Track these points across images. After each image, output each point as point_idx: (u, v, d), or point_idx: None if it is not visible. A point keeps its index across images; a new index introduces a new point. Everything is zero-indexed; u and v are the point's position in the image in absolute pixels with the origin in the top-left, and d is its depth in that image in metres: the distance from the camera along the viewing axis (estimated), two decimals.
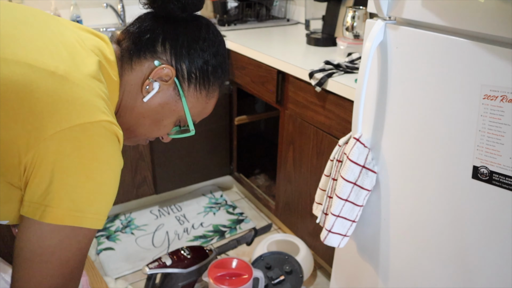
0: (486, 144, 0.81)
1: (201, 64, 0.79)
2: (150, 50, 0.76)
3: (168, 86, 0.78)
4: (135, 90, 0.77)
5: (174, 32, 0.77)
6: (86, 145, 0.61)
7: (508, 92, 0.76)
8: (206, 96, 0.82)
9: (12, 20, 0.68)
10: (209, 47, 0.79)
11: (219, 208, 2.32)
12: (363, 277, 1.22)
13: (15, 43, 0.64)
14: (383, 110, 1.02)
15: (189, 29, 0.78)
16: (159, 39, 0.76)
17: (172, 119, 0.82)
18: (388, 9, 0.95)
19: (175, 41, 0.77)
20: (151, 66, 0.76)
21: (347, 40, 1.71)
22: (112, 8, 2.28)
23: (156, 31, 0.77)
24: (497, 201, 0.82)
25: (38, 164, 0.60)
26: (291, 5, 2.58)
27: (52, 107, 0.60)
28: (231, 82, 2.16)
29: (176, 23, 0.78)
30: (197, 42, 0.78)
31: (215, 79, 0.82)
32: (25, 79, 0.60)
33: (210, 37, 0.80)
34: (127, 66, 0.77)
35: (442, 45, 0.85)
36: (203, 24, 0.80)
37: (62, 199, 0.61)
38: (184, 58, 0.77)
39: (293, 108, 1.72)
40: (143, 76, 0.77)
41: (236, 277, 1.11)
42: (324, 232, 1.11)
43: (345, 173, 1.04)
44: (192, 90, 0.80)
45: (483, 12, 0.77)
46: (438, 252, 0.97)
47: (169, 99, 0.79)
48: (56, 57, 0.65)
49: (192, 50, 0.77)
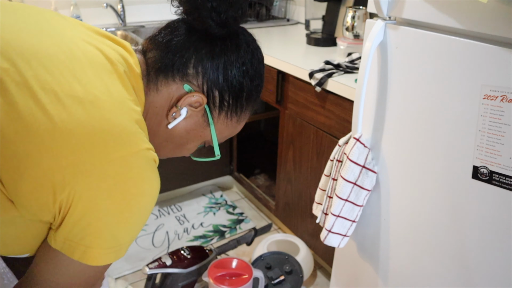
0: (486, 144, 0.81)
1: (237, 90, 0.70)
2: (181, 72, 0.67)
3: (197, 112, 0.70)
4: (160, 113, 0.69)
5: (210, 53, 0.67)
6: (128, 180, 0.57)
7: (508, 92, 0.76)
8: (237, 121, 0.75)
9: (34, 36, 0.61)
10: (247, 71, 0.70)
11: (219, 208, 2.32)
12: (363, 277, 1.22)
13: (38, 66, 0.57)
14: (383, 110, 1.02)
15: (226, 49, 0.68)
16: (192, 60, 0.67)
17: (197, 143, 0.76)
18: (388, 9, 0.95)
19: (210, 64, 0.67)
20: (179, 90, 0.68)
21: (347, 40, 1.71)
22: (112, 8, 2.28)
23: (190, 50, 0.67)
24: (497, 201, 0.82)
25: (76, 202, 0.55)
26: (291, 5, 2.58)
27: (87, 139, 0.54)
28: None
29: (213, 41, 0.68)
30: (234, 66, 0.69)
31: (248, 103, 0.74)
32: (54, 110, 0.54)
33: (248, 57, 0.71)
34: (153, 86, 0.68)
35: (442, 45, 0.85)
36: (243, 43, 0.71)
37: (105, 239, 0.58)
38: (218, 84, 0.68)
39: (293, 108, 1.72)
40: (170, 99, 0.68)
41: (236, 277, 1.11)
42: (324, 232, 1.11)
43: (345, 173, 1.04)
44: (222, 117, 0.72)
45: (483, 12, 0.77)
46: (438, 252, 0.97)
47: (196, 126, 0.72)
48: (81, 79, 0.58)
49: (228, 76, 0.68)
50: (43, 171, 0.53)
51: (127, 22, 2.40)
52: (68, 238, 0.58)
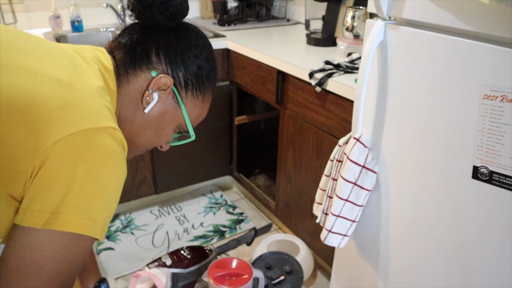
0: (486, 144, 0.81)
1: (196, 70, 0.80)
2: (145, 61, 0.77)
3: (167, 95, 0.78)
4: (134, 102, 0.77)
5: (166, 41, 0.78)
6: (94, 151, 0.61)
7: (508, 92, 0.76)
8: (203, 100, 0.84)
9: (12, 35, 0.69)
10: (201, 52, 0.81)
11: (219, 208, 2.32)
12: (363, 277, 1.22)
13: (19, 52, 0.64)
14: (383, 110, 1.02)
15: (179, 37, 0.79)
16: (153, 50, 0.77)
17: (173, 127, 0.83)
18: (388, 9, 0.95)
19: (169, 50, 0.77)
20: (148, 77, 0.77)
21: (347, 40, 1.71)
22: (112, 8, 2.28)
23: (148, 42, 0.77)
24: (497, 201, 0.82)
25: (47, 170, 0.58)
26: (291, 5, 2.58)
27: (59, 111, 0.59)
28: (231, 82, 2.16)
29: (166, 32, 0.79)
30: (189, 49, 0.79)
31: (209, 83, 0.84)
32: (32, 85, 0.60)
33: (200, 42, 0.82)
34: (123, 79, 0.77)
35: (442, 45, 0.85)
36: (192, 31, 0.82)
37: (76, 206, 0.59)
38: (180, 66, 0.78)
39: (293, 108, 1.72)
40: (140, 87, 0.77)
41: (236, 277, 1.11)
42: (324, 232, 1.11)
43: (345, 173, 1.04)
44: (189, 96, 0.81)
45: (483, 12, 0.77)
46: (438, 252, 0.97)
47: (169, 108, 0.80)
48: (60, 67, 0.66)
49: (186, 57, 0.79)
50: (16, 139, 0.57)
51: (127, 22, 2.41)
52: (35, 209, 0.59)
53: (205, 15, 2.62)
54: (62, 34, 2.17)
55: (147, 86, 0.76)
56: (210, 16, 2.61)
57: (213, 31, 2.25)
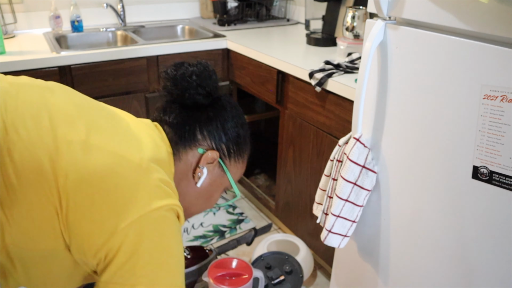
0: (486, 144, 0.81)
1: (236, 138, 0.88)
2: (193, 140, 0.83)
3: (214, 166, 0.86)
4: (186, 178, 0.84)
5: (207, 118, 0.85)
6: (162, 227, 0.68)
7: (508, 92, 0.76)
8: (243, 162, 0.92)
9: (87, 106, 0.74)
10: (237, 121, 0.88)
11: (219, 208, 2.32)
12: (363, 277, 1.22)
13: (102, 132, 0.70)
14: (383, 110, 1.02)
15: (217, 111, 0.86)
16: (197, 128, 0.84)
17: (220, 192, 0.91)
18: (388, 9, 0.95)
19: (211, 126, 0.84)
20: (195, 154, 0.83)
21: (347, 40, 1.71)
22: (112, 8, 2.28)
23: (192, 121, 0.84)
24: (497, 201, 0.82)
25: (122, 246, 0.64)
26: (291, 5, 2.58)
27: (132, 194, 0.66)
28: (231, 82, 2.16)
29: (205, 109, 0.85)
30: (228, 121, 0.86)
31: (246, 145, 0.92)
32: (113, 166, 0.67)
33: (235, 112, 0.89)
34: (176, 158, 0.83)
35: (442, 45, 0.85)
36: (227, 103, 0.89)
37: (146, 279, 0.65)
38: (222, 139, 0.86)
39: (293, 108, 1.72)
40: (190, 164, 0.83)
41: (236, 277, 1.11)
42: (324, 232, 1.11)
43: (345, 173, 1.04)
44: (232, 162, 0.89)
45: (483, 12, 0.77)
46: (438, 252, 0.97)
47: (216, 177, 0.87)
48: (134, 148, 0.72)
49: (226, 129, 0.86)
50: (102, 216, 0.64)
51: (127, 22, 2.40)
52: (112, 281, 0.65)
53: (205, 15, 2.62)
54: (62, 34, 2.17)
55: (197, 162, 0.84)
56: (210, 16, 2.61)
57: (213, 31, 2.25)
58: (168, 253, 0.68)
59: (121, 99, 1.93)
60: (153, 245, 0.66)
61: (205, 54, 2.04)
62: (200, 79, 0.84)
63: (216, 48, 2.06)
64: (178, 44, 1.96)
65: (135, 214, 0.65)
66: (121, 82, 1.90)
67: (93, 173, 0.64)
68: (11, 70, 1.66)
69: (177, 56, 1.97)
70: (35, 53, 1.77)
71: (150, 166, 0.71)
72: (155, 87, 1.99)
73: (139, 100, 1.97)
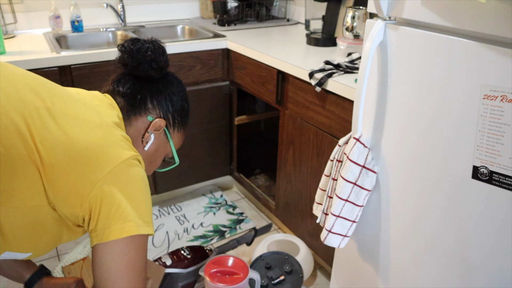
0: (486, 144, 0.81)
1: (180, 110, 1.00)
2: (143, 108, 0.94)
3: (159, 133, 0.98)
4: (135, 142, 0.94)
5: (157, 90, 0.96)
6: (133, 175, 0.80)
7: (508, 92, 0.76)
8: (183, 132, 1.05)
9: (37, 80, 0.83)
10: (182, 96, 1.01)
11: (219, 208, 2.32)
12: (363, 277, 1.22)
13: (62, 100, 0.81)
14: (383, 110, 1.02)
15: (166, 85, 0.98)
16: (148, 98, 0.95)
17: (162, 157, 1.03)
18: (388, 9, 0.95)
19: (160, 97, 0.96)
20: (145, 121, 0.95)
21: (347, 40, 1.71)
22: (112, 8, 2.28)
23: (143, 91, 0.95)
24: (497, 201, 0.82)
25: (104, 197, 0.76)
26: (291, 5, 2.58)
27: (102, 149, 0.77)
28: (231, 82, 2.16)
29: (155, 81, 0.97)
30: (174, 95, 0.99)
31: (188, 118, 1.05)
32: (92, 133, 0.78)
33: (181, 87, 1.01)
34: (126, 122, 0.93)
35: (442, 45, 0.85)
36: (173, 79, 1.01)
37: (135, 216, 0.78)
38: (169, 109, 0.98)
39: (293, 108, 1.72)
40: (140, 129, 0.95)
41: (230, 275, 1.12)
42: (324, 232, 1.11)
43: (345, 173, 1.04)
44: (176, 131, 1.02)
45: (483, 12, 0.77)
46: (438, 252, 0.97)
47: (161, 144, 0.99)
48: (92, 112, 0.83)
49: (173, 101, 0.98)
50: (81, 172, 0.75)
51: (127, 22, 2.40)
52: (102, 227, 0.77)
53: (205, 15, 2.62)
54: (62, 34, 2.17)
55: (146, 128, 0.95)
56: (210, 16, 2.61)
57: (213, 31, 2.25)
58: (142, 192, 0.81)
59: None
60: (130, 187, 0.78)
61: (205, 54, 2.04)
62: (154, 54, 0.94)
63: (216, 48, 2.06)
64: (178, 44, 1.97)
65: (110, 166, 0.76)
66: None
67: (65, 136, 0.75)
68: None
69: (177, 56, 1.97)
70: (35, 53, 1.77)
71: (110, 125, 0.83)
72: None
73: None
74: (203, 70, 2.07)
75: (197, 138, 2.19)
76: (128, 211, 0.77)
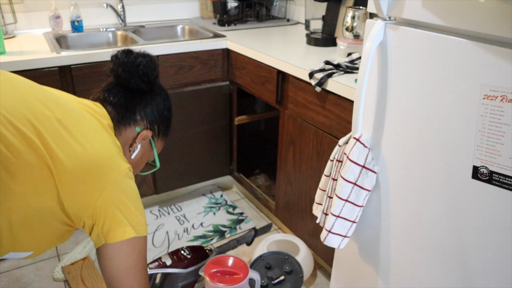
0: (486, 144, 0.81)
1: (165, 120, 1.07)
2: (133, 119, 1.00)
3: (145, 142, 1.04)
4: (123, 150, 0.98)
5: (146, 102, 1.02)
6: (131, 184, 0.89)
7: (508, 92, 0.76)
8: (165, 139, 1.12)
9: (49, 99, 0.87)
10: (166, 106, 1.07)
11: (219, 208, 2.32)
12: (363, 277, 1.22)
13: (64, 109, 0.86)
14: (383, 110, 1.02)
15: (153, 97, 1.03)
16: (137, 110, 1.00)
17: (145, 163, 1.11)
18: (388, 9, 0.95)
19: (148, 109, 1.02)
20: (133, 131, 1.00)
21: (347, 40, 1.71)
22: (112, 8, 2.28)
23: (133, 103, 1.00)
24: (497, 201, 0.82)
25: (104, 207, 0.83)
26: (291, 5, 2.58)
27: (106, 162, 0.85)
28: (231, 82, 2.16)
29: (144, 93, 1.02)
30: (160, 105, 1.04)
31: (170, 126, 1.11)
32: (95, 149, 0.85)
33: (166, 99, 1.07)
34: (116, 132, 0.98)
35: (442, 45, 0.85)
36: (159, 90, 1.06)
37: (134, 219, 0.87)
38: (155, 120, 1.04)
39: (293, 108, 1.72)
40: (127, 139, 1.00)
41: (231, 275, 1.12)
42: (324, 233, 1.11)
43: (345, 173, 1.04)
44: (159, 139, 1.09)
45: (483, 12, 0.77)
46: (438, 252, 0.97)
47: (146, 151, 1.06)
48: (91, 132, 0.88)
49: (160, 113, 1.04)
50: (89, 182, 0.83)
51: (127, 22, 2.40)
52: (107, 230, 0.84)
53: (205, 15, 2.62)
54: (62, 34, 2.17)
55: (134, 138, 1.01)
56: (210, 16, 2.61)
57: (213, 31, 2.25)
58: (139, 199, 0.91)
59: None
60: (131, 195, 0.87)
61: (205, 54, 2.04)
62: (146, 69, 0.99)
63: (216, 48, 2.06)
64: (178, 44, 1.96)
65: (114, 176, 0.84)
66: None
67: (79, 146, 0.82)
68: (11, 70, 1.66)
69: (177, 56, 1.97)
70: (35, 53, 1.77)
71: (109, 137, 0.90)
72: None
73: None
74: (203, 70, 2.07)
75: (197, 138, 2.19)
76: (130, 216, 0.86)
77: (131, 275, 0.87)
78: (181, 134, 2.13)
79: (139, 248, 0.88)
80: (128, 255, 0.86)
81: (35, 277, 1.79)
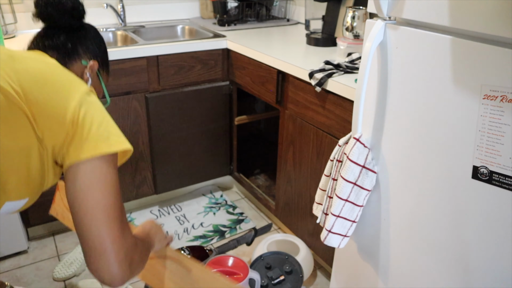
0: (486, 144, 0.81)
1: (104, 53, 1.10)
2: (76, 55, 1.02)
3: (94, 75, 1.06)
4: None
5: (82, 36, 1.04)
6: (97, 100, 0.89)
7: (508, 92, 0.76)
8: (108, 72, 1.14)
9: None
10: (101, 38, 1.09)
11: (219, 208, 2.32)
12: (363, 277, 1.22)
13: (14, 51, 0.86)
14: (383, 110, 1.02)
15: (87, 31, 1.06)
16: (78, 45, 1.02)
17: None
18: (388, 9, 0.95)
19: (88, 43, 1.04)
20: (80, 66, 1.02)
21: (347, 40, 1.71)
22: (112, 8, 2.28)
23: (72, 40, 1.02)
24: (497, 201, 0.82)
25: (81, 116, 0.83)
26: (291, 5, 2.58)
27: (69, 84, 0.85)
28: (231, 82, 2.16)
29: (78, 29, 1.04)
30: (96, 39, 1.07)
31: (108, 58, 1.13)
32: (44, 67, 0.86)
33: (97, 33, 1.09)
34: None
35: (442, 45, 0.85)
36: (89, 26, 1.09)
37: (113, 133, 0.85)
38: (97, 52, 1.06)
39: (293, 108, 1.72)
40: (77, 74, 1.01)
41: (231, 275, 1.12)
42: (324, 232, 1.11)
43: (345, 173, 1.04)
44: (104, 72, 1.11)
45: (483, 12, 0.77)
46: (438, 252, 0.97)
47: (95, 85, 1.08)
48: None
49: (99, 45, 1.07)
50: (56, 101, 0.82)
51: (127, 22, 2.40)
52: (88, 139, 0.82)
53: (205, 15, 2.62)
54: None
55: (82, 73, 1.02)
56: (210, 16, 2.61)
57: (213, 31, 2.25)
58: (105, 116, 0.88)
59: (121, 99, 1.93)
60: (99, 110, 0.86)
61: (205, 54, 2.04)
62: (73, 3, 1.01)
63: (216, 48, 2.06)
64: (178, 44, 1.96)
65: (80, 91, 0.85)
66: (121, 82, 1.90)
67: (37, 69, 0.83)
68: None
69: (177, 56, 1.97)
70: None
71: None
72: (155, 87, 1.99)
73: (139, 100, 1.97)
74: (203, 70, 2.07)
75: (197, 138, 2.19)
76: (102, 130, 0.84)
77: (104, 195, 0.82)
78: (181, 134, 2.13)
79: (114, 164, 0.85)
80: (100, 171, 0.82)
81: (35, 277, 1.79)
